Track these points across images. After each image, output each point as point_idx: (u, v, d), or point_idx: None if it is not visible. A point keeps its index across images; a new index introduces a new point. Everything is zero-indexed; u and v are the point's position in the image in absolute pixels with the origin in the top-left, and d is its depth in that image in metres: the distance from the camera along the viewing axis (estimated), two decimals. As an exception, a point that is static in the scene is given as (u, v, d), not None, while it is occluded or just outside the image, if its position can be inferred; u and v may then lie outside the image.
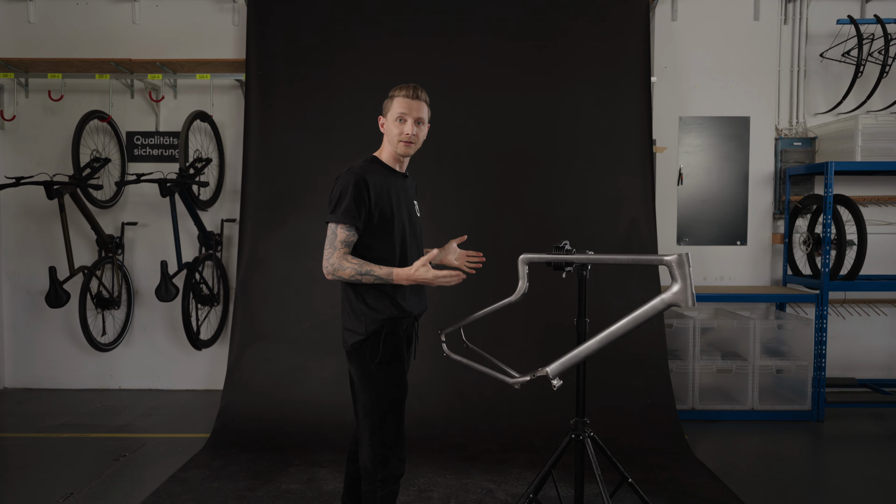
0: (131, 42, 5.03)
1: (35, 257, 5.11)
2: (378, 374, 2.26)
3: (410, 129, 2.31)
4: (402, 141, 2.33)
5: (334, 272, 2.22)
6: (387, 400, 2.27)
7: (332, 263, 2.22)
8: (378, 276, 2.20)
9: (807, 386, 4.45)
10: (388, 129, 2.35)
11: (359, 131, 4.47)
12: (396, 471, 2.28)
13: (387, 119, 2.36)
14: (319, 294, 4.29)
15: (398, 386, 2.30)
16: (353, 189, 2.22)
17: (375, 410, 2.26)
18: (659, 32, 5.00)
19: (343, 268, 2.20)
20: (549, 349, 3.42)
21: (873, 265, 4.95)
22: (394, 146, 2.35)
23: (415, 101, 2.32)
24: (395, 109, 2.32)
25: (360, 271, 2.19)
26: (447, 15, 4.55)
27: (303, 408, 4.06)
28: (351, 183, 2.22)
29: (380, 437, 2.26)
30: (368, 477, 2.27)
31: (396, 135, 2.32)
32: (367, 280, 2.20)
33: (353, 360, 2.30)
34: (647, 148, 4.45)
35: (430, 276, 2.16)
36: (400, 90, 2.34)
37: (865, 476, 3.52)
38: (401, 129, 2.32)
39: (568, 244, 2.42)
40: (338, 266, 2.21)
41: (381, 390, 2.27)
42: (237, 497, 3.15)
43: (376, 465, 2.25)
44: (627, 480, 2.55)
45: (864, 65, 4.76)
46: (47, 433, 4.11)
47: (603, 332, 2.07)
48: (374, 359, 2.26)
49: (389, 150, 2.38)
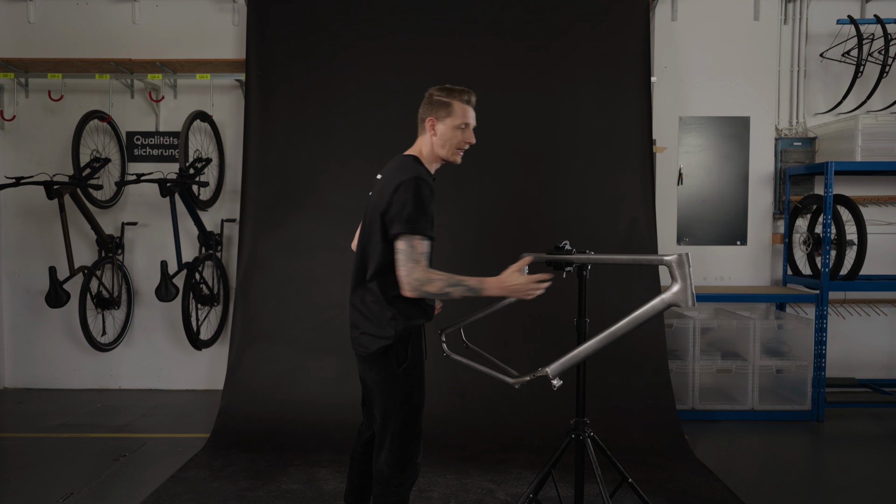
0: (131, 42, 5.03)
1: (35, 257, 5.11)
2: (404, 380, 2.22)
3: (472, 138, 2.27)
4: (460, 149, 2.28)
5: (420, 287, 2.07)
6: (411, 405, 2.24)
7: (416, 278, 2.07)
8: (470, 286, 2.09)
9: (807, 386, 4.45)
10: (444, 133, 2.26)
11: (359, 131, 4.48)
12: (414, 475, 2.26)
13: (443, 123, 2.26)
14: (319, 294, 4.29)
15: (421, 391, 2.27)
16: (422, 197, 2.11)
17: (399, 415, 2.21)
18: (659, 32, 5.00)
19: (431, 281, 2.07)
20: (549, 349, 3.42)
21: (873, 265, 4.95)
22: (446, 152, 2.28)
23: (472, 109, 2.29)
24: (458, 116, 2.25)
25: (450, 283, 2.08)
26: (447, 15, 4.55)
27: (303, 408, 4.06)
28: (419, 190, 2.11)
29: (401, 441, 2.22)
30: (385, 481, 2.22)
31: (456, 143, 2.27)
32: (456, 293, 2.08)
33: (375, 366, 2.23)
34: (647, 148, 4.45)
35: (522, 282, 2.09)
36: (461, 95, 2.27)
37: (865, 476, 3.52)
38: (462, 138, 2.27)
39: (568, 244, 2.42)
40: (425, 280, 2.07)
41: (405, 395, 2.22)
42: (237, 497, 3.15)
43: (394, 470, 2.22)
44: (627, 480, 2.55)
45: (864, 65, 4.76)
46: (47, 433, 4.11)
47: (603, 332, 2.07)
48: (402, 364, 2.21)
49: (433, 153, 2.30)
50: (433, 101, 2.29)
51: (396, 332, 2.18)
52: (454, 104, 2.26)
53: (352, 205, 4.26)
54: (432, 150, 2.30)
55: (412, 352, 2.23)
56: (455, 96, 2.27)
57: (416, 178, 2.13)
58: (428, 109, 2.30)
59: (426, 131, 2.31)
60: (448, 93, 2.28)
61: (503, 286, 2.11)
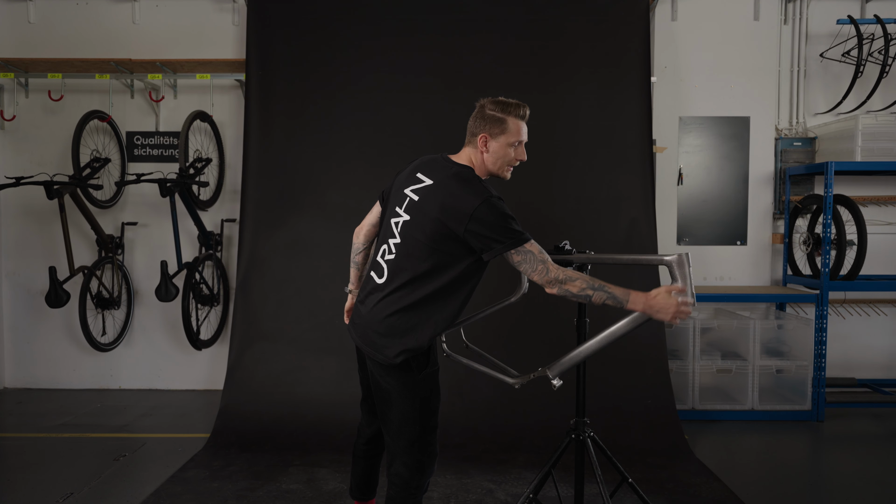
0: (131, 42, 5.03)
1: (35, 257, 5.11)
2: (424, 384, 2.18)
3: (524, 156, 2.23)
4: (511, 165, 2.23)
5: (562, 283, 1.99)
6: (431, 408, 2.21)
7: (556, 276, 1.99)
8: (613, 294, 1.97)
9: (807, 386, 4.45)
10: (497, 151, 2.18)
11: (359, 131, 4.47)
12: (429, 475, 2.25)
13: (497, 140, 2.18)
14: (319, 294, 4.29)
15: (438, 393, 2.26)
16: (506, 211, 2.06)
17: (418, 418, 2.17)
18: (659, 32, 5.00)
19: (572, 280, 1.98)
20: (549, 349, 3.42)
21: (873, 265, 4.95)
22: (499, 168, 2.21)
23: (525, 124, 2.22)
24: (512, 133, 2.17)
25: (593, 286, 1.98)
26: (447, 15, 4.55)
27: (303, 408, 4.06)
28: (500, 204, 2.06)
29: (421, 445, 2.18)
30: (404, 485, 2.19)
31: (509, 160, 2.20)
32: (597, 297, 1.97)
33: (394, 373, 2.15)
34: (647, 148, 4.45)
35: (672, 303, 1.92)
36: (516, 110, 2.19)
37: (865, 476, 3.52)
38: (515, 155, 2.21)
39: (568, 244, 2.42)
40: (564, 278, 1.98)
41: (425, 398, 2.19)
42: (237, 497, 3.15)
43: (414, 473, 2.18)
44: (627, 480, 2.55)
45: (864, 65, 4.76)
46: (47, 433, 4.11)
47: (603, 333, 2.07)
48: (423, 369, 2.17)
49: (484, 168, 2.21)
50: (486, 117, 2.19)
51: (428, 341, 2.14)
52: (509, 121, 2.17)
53: (352, 205, 4.25)
54: (482, 164, 2.21)
55: (433, 357, 2.21)
56: (510, 111, 2.18)
57: (488, 199, 2.04)
58: (481, 125, 2.20)
59: (476, 146, 2.21)
60: (503, 108, 2.19)
61: (649, 303, 1.96)
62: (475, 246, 2.06)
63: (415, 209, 2.15)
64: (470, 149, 2.24)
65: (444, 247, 2.08)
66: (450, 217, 2.05)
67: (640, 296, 1.96)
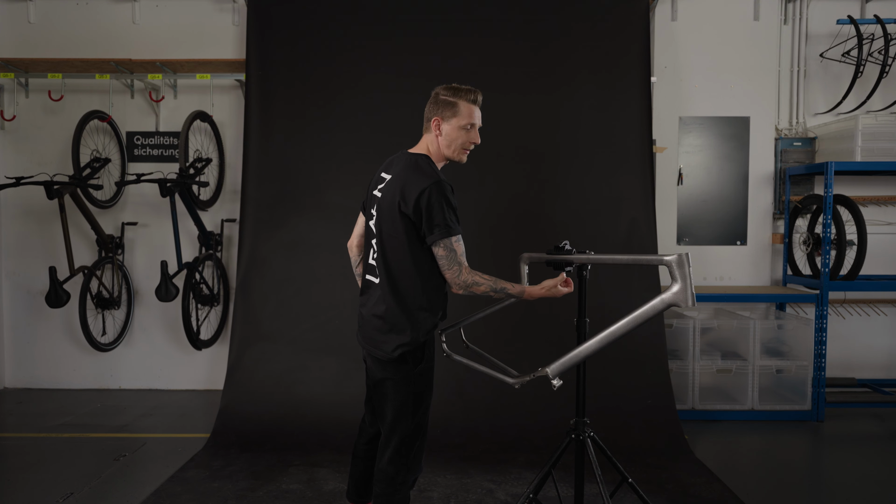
0: (131, 42, 5.03)
1: (35, 257, 5.11)
2: (418, 379, 2.27)
3: (477, 139, 2.28)
4: (465, 149, 2.29)
5: (467, 288, 2.17)
6: (422, 403, 2.30)
7: (464, 280, 2.15)
8: (512, 293, 2.21)
9: (807, 386, 4.45)
10: (450, 133, 2.27)
11: (359, 131, 4.48)
12: (416, 472, 2.30)
13: (449, 123, 2.26)
14: (319, 294, 4.29)
15: (431, 389, 2.35)
16: (448, 199, 2.16)
17: (409, 414, 2.25)
18: (659, 33, 5.00)
19: (477, 283, 2.16)
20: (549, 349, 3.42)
21: (873, 265, 4.95)
22: (452, 152, 2.29)
23: (478, 109, 2.28)
24: (463, 116, 2.25)
25: (495, 288, 2.17)
26: (447, 16, 4.54)
27: (303, 408, 4.06)
28: (446, 193, 2.16)
29: (411, 439, 2.26)
30: (389, 480, 2.23)
31: (461, 143, 2.27)
32: (498, 297, 2.20)
33: (390, 367, 2.23)
34: (647, 148, 4.45)
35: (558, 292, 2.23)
36: (467, 94, 2.26)
37: (865, 476, 3.52)
38: (467, 138, 2.27)
39: (568, 244, 2.42)
40: (471, 282, 2.16)
41: (418, 395, 2.28)
42: (237, 497, 3.15)
43: (399, 468, 2.24)
44: (627, 480, 2.55)
45: (864, 65, 4.76)
46: (47, 433, 4.11)
47: (603, 332, 2.07)
48: (418, 364, 2.25)
49: (440, 153, 2.31)
50: (439, 101, 2.28)
51: (420, 336, 2.21)
52: (460, 104, 2.25)
53: (352, 205, 4.23)
54: (438, 150, 2.31)
55: (428, 353, 2.28)
56: (461, 96, 2.26)
57: (437, 182, 2.16)
58: (434, 109, 2.29)
59: (431, 131, 2.30)
60: (454, 92, 2.26)
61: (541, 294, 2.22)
62: (423, 228, 2.16)
63: (382, 206, 2.26)
64: (427, 136, 2.33)
65: (412, 236, 2.18)
66: (406, 203, 2.17)
67: (535, 289, 2.22)
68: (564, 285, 2.24)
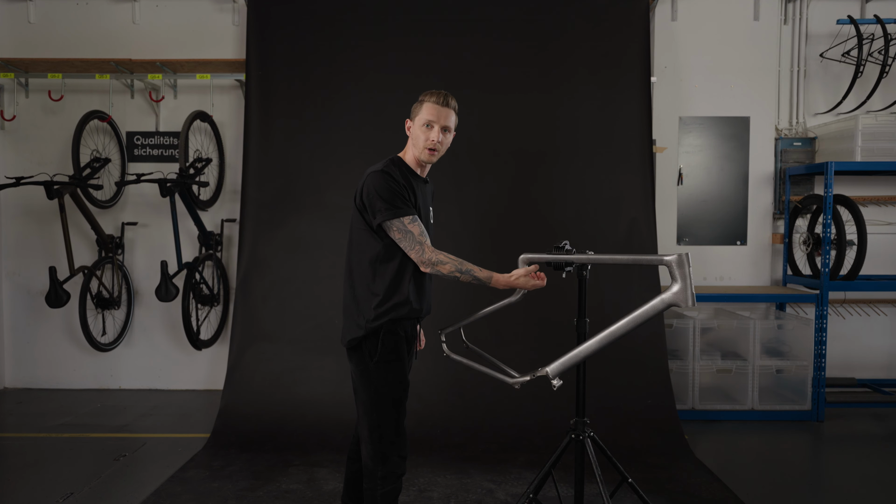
0: (131, 42, 5.03)
1: (35, 257, 5.11)
2: (377, 373, 2.27)
3: (436, 137, 2.32)
4: (427, 148, 2.33)
5: (433, 266, 2.22)
6: (387, 398, 2.28)
7: (428, 258, 2.21)
8: (478, 277, 2.23)
9: (807, 386, 4.45)
10: (415, 133, 2.35)
11: (359, 132, 4.48)
12: (397, 469, 2.28)
13: (414, 123, 2.36)
14: (319, 294, 4.29)
15: (398, 385, 2.31)
16: (389, 183, 2.23)
17: (375, 408, 2.27)
18: (659, 32, 5.00)
19: (442, 262, 2.21)
20: (549, 349, 3.42)
21: (873, 265, 4.95)
22: (419, 152, 2.34)
23: (444, 109, 2.32)
24: (423, 115, 2.32)
25: (461, 269, 2.22)
26: (447, 15, 4.55)
27: (303, 408, 4.06)
28: (384, 178, 2.23)
29: (379, 434, 2.27)
30: (369, 474, 2.28)
31: (423, 141, 2.32)
32: (464, 279, 2.22)
33: (353, 358, 2.32)
34: (647, 148, 4.46)
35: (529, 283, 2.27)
36: (430, 96, 2.34)
37: (865, 476, 3.52)
38: (427, 136, 2.32)
39: (568, 244, 2.42)
40: (436, 260, 2.21)
41: (380, 388, 2.27)
42: (237, 497, 3.15)
43: (377, 463, 2.26)
44: (627, 480, 2.55)
45: (863, 65, 4.76)
46: (47, 433, 4.11)
47: (603, 332, 2.07)
48: (373, 357, 2.26)
49: (413, 154, 2.38)
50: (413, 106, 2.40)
51: (367, 325, 2.25)
52: (424, 104, 2.34)
53: (351, 205, 4.25)
54: (410, 149, 2.39)
55: (384, 346, 2.26)
56: (425, 96, 2.35)
57: (381, 171, 2.26)
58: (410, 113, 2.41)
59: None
60: (423, 94, 2.37)
61: (510, 283, 2.26)
62: (369, 218, 2.24)
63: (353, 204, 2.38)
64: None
65: (363, 225, 2.30)
66: (358, 194, 2.30)
67: (502, 277, 2.26)
68: (536, 278, 2.28)
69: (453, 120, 2.36)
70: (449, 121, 2.34)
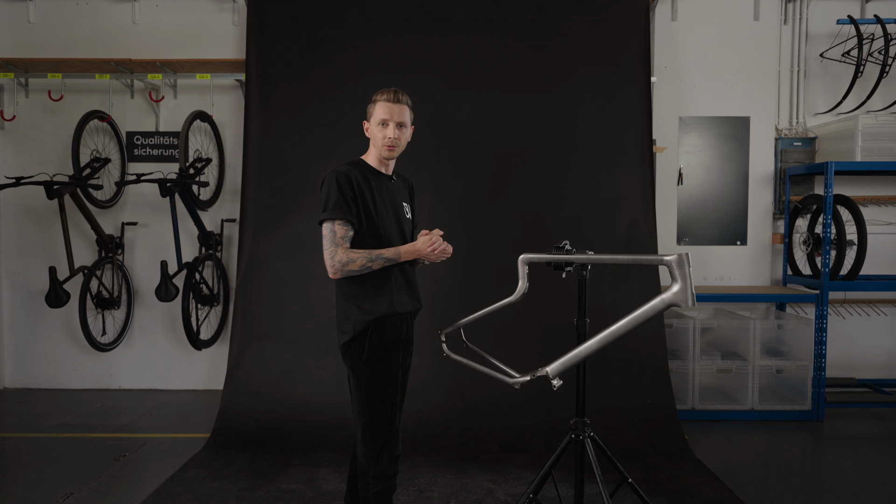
0: (131, 42, 5.03)
1: (35, 257, 5.11)
2: (367, 373, 2.29)
3: (392, 133, 2.36)
4: (385, 145, 2.38)
5: (342, 268, 2.24)
6: (377, 397, 2.30)
7: (339, 260, 2.24)
8: (387, 257, 2.27)
9: (807, 386, 4.45)
10: (372, 133, 2.42)
11: (359, 131, 4.44)
12: (389, 468, 2.30)
13: (371, 123, 2.42)
14: (319, 294, 4.29)
15: (388, 384, 2.32)
16: (337, 186, 2.28)
17: (367, 408, 2.30)
18: (659, 32, 5.00)
19: (352, 260, 2.24)
20: (549, 349, 3.42)
21: (873, 265, 4.95)
22: (378, 150, 2.41)
23: (396, 106, 2.36)
24: (377, 114, 2.38)
25: (370, 258, 2.25)
26: (447, 15, 4.55)
27: (303, 408, 4.06)
28: (334, 180, 2.30)
29: (371, 433, 2.29)
30: (363, 473, 2.31)
31: (380, 139, 2.38)
32: (377, 265, 2.26)
33: (346, 359, 2.35)
34: (647, 148, 4.45)
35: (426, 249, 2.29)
36: (381, 94, 2.39)
37: (865, 476, 3.52)
38: (383, 134, 2.38)
39: (568, 244, 2.41)
40: (346, 260, 2.24)
41: (370, 388, 2.30)
42: (237, 497, 3.15)
43: (369, 462, 2.29)
44: (627, 480, 2.55)
45: (864, 65, 4.76)
46: (47, 433, 4.11)
47: (603, 332, 2.07)
48: (361, 357, 2.29)
49: (375, 154, 2.45)
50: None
51: (354, 327, 2.29)
52: (376, 104, 2.40)
53: (352, 205, 4.25)
54: (371, 149, 2.47)
55: (371, 345, 2.28)
56: (377, 96, 2.40)
57: (332, 171, 2.33)
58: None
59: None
60: (375, 94, 2.41)
61: (412, 251, 2.30)
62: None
63: None
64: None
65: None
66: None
67: (407, 246, 2.31)
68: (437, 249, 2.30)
69: (408, 115, 2.41)
70: (403, 116, 2.38)
